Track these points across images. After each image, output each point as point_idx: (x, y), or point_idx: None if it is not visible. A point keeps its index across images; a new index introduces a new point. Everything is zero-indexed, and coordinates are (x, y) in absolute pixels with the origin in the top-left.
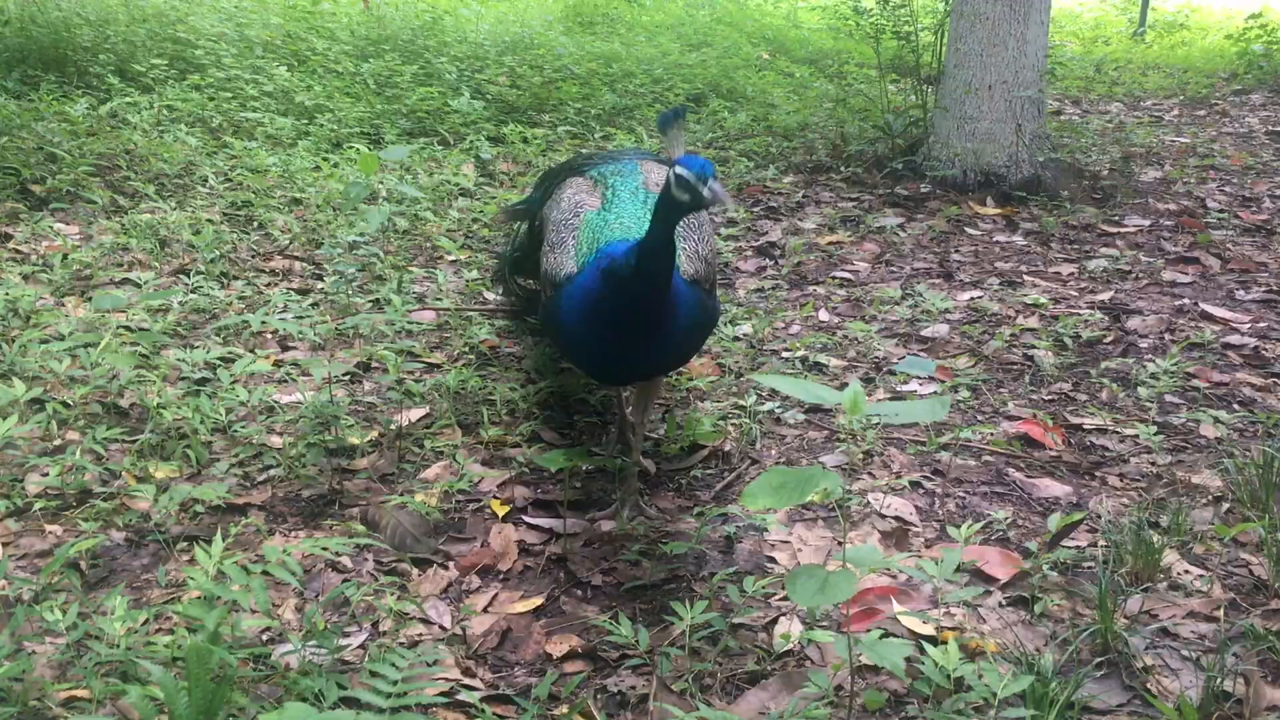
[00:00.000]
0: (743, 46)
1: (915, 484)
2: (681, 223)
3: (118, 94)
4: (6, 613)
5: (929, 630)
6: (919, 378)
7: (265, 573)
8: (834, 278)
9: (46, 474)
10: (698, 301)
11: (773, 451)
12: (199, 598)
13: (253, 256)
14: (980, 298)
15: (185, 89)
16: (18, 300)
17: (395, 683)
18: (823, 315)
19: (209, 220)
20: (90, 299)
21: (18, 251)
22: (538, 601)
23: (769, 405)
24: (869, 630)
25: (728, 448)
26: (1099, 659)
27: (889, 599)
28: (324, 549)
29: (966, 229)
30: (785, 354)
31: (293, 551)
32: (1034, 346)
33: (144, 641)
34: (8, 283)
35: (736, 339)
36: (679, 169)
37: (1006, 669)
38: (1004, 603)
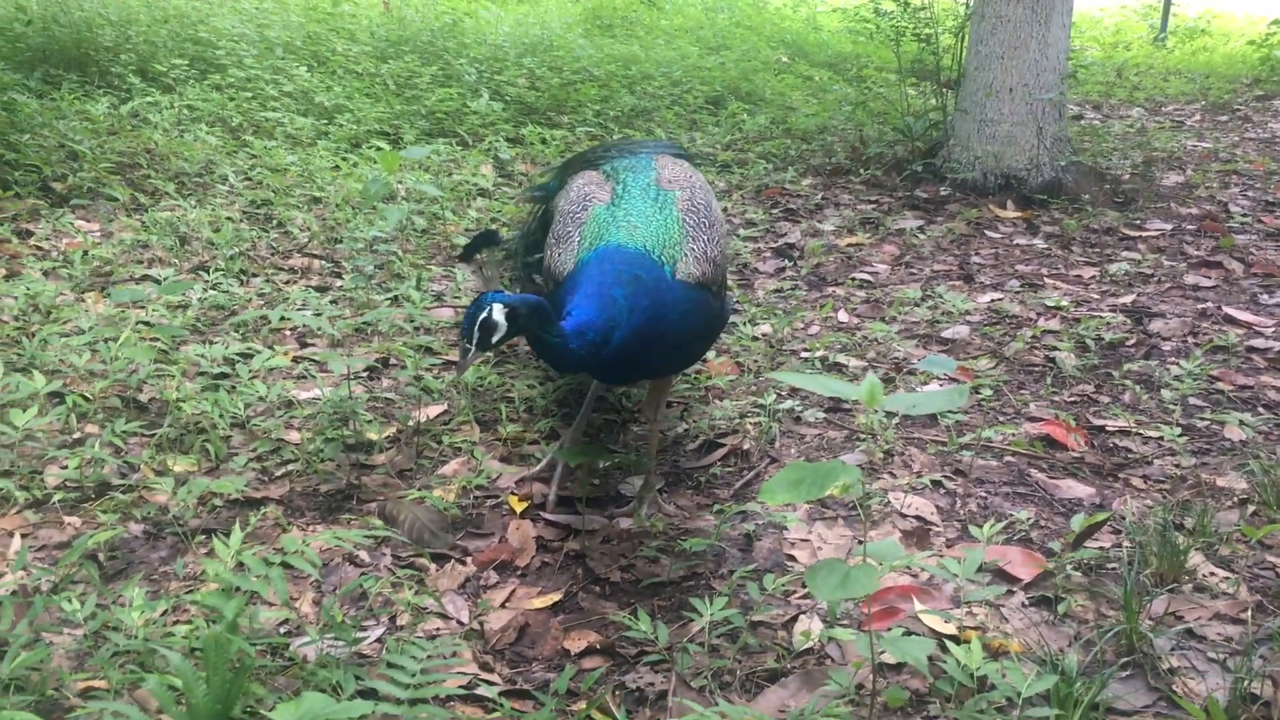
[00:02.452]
0: (761, 50)
1: (936, 483)
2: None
3: (139, 93)
4: (25, 603)
5: (951, 630)
6: (939, 377)
7: (284, 564)
8: (853, 279)
9: (66, 466)
10: (702, 304)
11: (792, 450)
12: (217, 589)
13: (272, 254)
14: (1001, 300)
15: (206, 89)
16: (38, 295)
17: (414, 674)
18: (842, 316)
19: (229, 218)
20: (110, 294)
21: (38, 248)
22: (556, 597)
23: (789, 403)
24: (890, 629)
25: (746, 446)
26: (1124, 660)
27: (909, 598)
28: (343, 540)
29: (986, 232)
30: (804, 354)
31: (312, 543)
32: (1055, 348)
33: (162, 632)
34: (28, 278)
35: (755, 338)
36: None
37: (1030, 669)
38: (1027, 603)
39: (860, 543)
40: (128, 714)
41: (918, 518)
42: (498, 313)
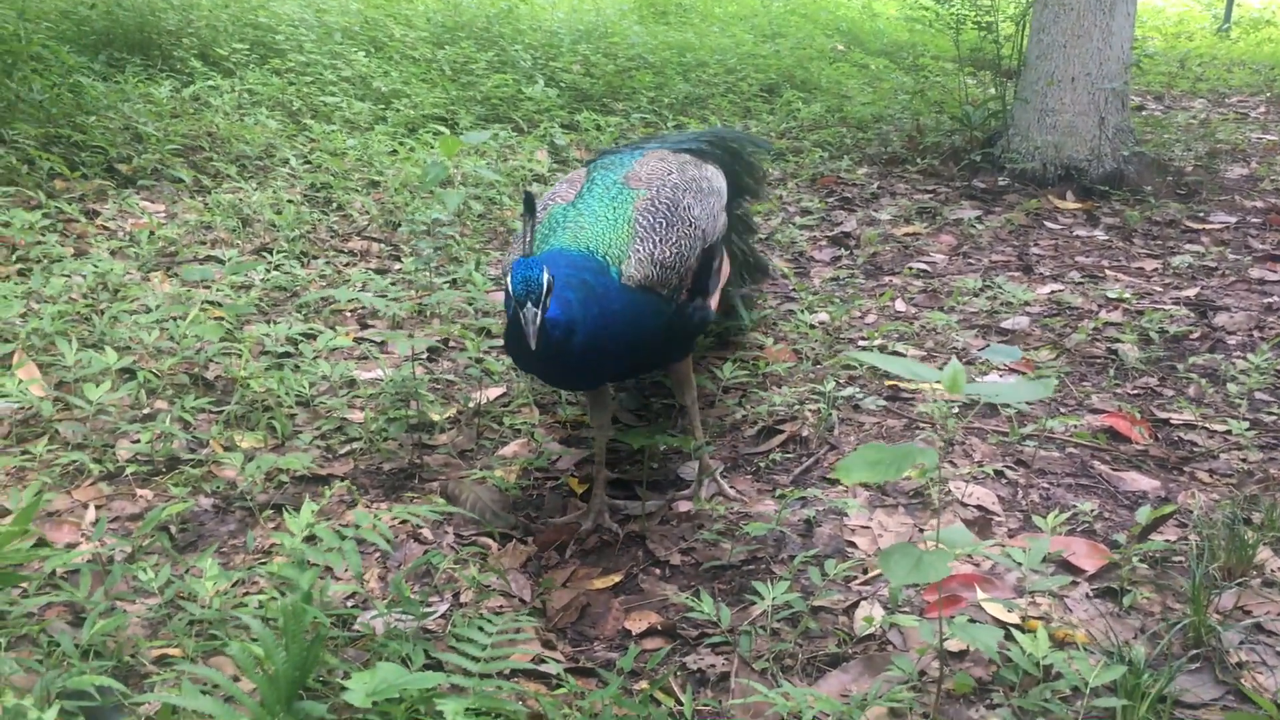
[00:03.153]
0: (817, 38)
1: (998, 473)
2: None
3: (200, 77)
4: (102, 571)
5: (1014, 619)
6: (999, 368)
7: (358, 539)
8: (910, 268)
9: (137, 440)
10: (649, 308)
11: (851, 438)
12: (290, 561)
13: (332, 237)
14: (1061, 291)
15: (266, 73)
16: (106, 274)
17: (484, 648)
18: (899, 305)
19: (289, 201)
20: (176, 274)
21: (105, 227)
22: (616, 578)
23: (848, 391)
24: (953, 617)
25: (805, 433)
26: (1191, 653)
27: (972, 587)
28: (411, 517)
29: (1046, 223)
30: (862, 342)
31: (382, 518)
32: (1118, 341)
33: (234, 603)
34: (96, 257)
35: (813, 326)
36: (511, 272)
37: (1096, 659)
38: (1091, 594)
39: (921, 530)
40: (209, 676)
41: (979, 507)
42: (548, 272)
